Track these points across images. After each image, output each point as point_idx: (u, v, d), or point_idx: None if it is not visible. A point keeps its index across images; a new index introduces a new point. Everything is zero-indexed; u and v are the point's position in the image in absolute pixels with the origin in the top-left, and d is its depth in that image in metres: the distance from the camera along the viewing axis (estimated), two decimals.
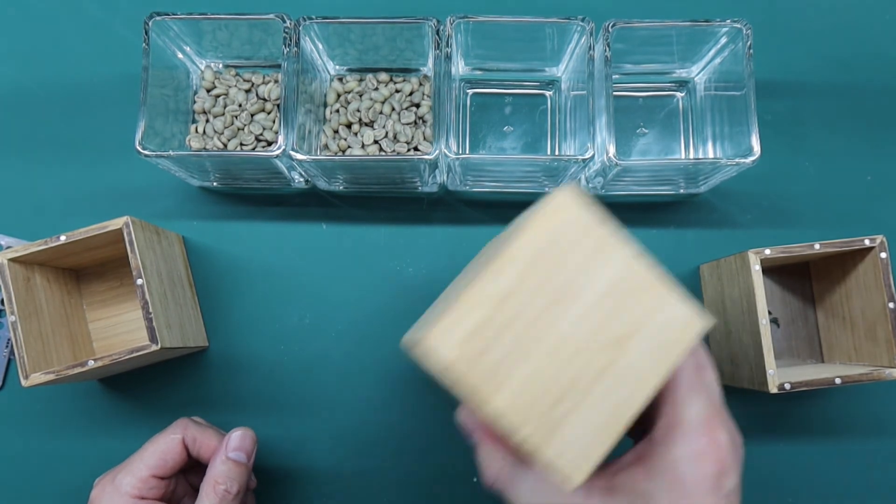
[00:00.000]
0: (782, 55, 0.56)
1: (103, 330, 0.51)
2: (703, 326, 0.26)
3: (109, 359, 0.43)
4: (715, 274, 0.50)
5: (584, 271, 0.26)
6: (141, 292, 0.43)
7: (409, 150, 0.51)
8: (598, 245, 0.26)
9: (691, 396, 0.29)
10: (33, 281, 0.46)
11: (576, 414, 0.25)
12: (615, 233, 0.26)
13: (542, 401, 0.25)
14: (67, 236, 0.44)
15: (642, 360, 0.26)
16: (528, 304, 0.25)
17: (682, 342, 0.26)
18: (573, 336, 0.26)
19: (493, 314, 0.25)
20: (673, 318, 0.26)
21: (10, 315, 0.43)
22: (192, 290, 0.52)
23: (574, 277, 0.26)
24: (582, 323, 0.26)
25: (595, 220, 0.26)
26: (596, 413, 0.25)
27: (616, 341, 0.26)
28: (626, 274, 0.26)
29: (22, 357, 0.43)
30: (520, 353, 0.25)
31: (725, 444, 0.29)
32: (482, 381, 0.25)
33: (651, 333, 0.26)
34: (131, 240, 0.43)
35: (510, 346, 0.25)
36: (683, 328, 0.26)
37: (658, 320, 0.26)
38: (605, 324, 0.26)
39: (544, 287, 0.26)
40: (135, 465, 0.42)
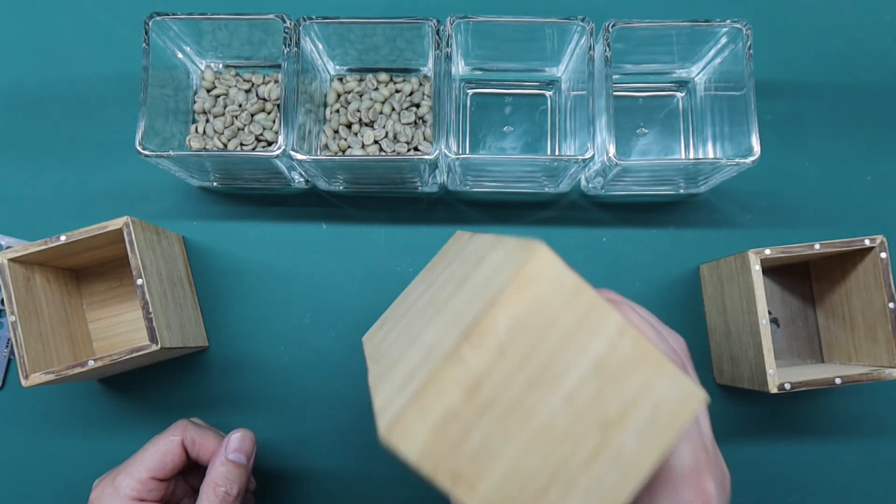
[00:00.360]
0: (782, 55, 0.56)
1: (103, 330, 0.51)
2: (701, 401, 0.24)
3: (109, 359, 0.43)
4: (715, 274, 0.50)
5: (568, 346, 0.23)
6: (141, 292, 0.43)
7: (409, 150, 0.51)
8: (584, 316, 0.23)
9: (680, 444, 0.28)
10: (33, 281, 0.46)
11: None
12: (600, 299, 0.23)
13: (526, 492, 0.23)
14: (67, 236, 0.44)
15: (636, 443, 0.23)
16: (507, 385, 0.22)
17: (679, 420, 0.23)
18: (559, 420, 0.23)
19: (465, 400, 0.22)
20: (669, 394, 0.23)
21: (10, 315, 0.43)
22: (192, 290, 0.52)
23: (558, 353, 0.23)
24: (568, 405, 0.23)
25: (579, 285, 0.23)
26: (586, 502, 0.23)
27: (606, 424, 0.23)
28: (614, 348, 0.23)
29: (22, 357, 0.43)
30: (499, 442, 0.23)
31: (713, 495, 0.28)
32: (458, 473, 0.23)
33: (645, 413, 0.23)
34: (131, 240, 0.43)
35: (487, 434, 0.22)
36: (681, 405, 0.23)
37: (653, 398, 0.23)
38: (593, 405, 0.23)
39: (523, 368, 0.22)
40: (134, 467, 0.42)
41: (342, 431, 0.51)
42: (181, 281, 0.50)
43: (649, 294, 0.52)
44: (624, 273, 0.52)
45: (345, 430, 0.51)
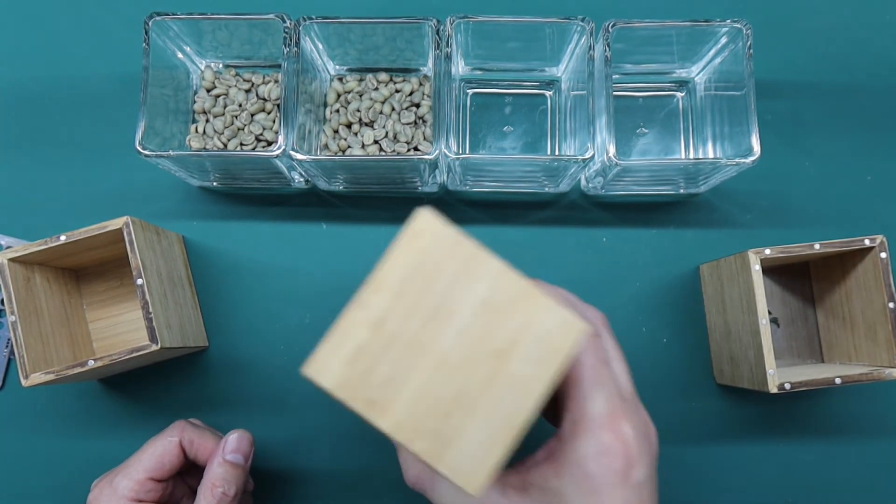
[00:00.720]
0: (782, 55, 0.56)
1: (103, 330, 0.51)
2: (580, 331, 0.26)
3: (109, 359, 0.43)
4: (715, 274, 0.50)
5: (455, 289, 0.26)
6: (141, 292, 0.43)
7: (409, 150, 0.51)
8: (465, 262, 0.27)
9: (593, 392, 0.30)
10: (33, 281, 0.46)
11: (466, 426, 0.26)
12: (480, 249, 0.27)
13: (431, 415, 0.26)
14: (67, 236, 0.44)
15: (525, 370, 0.26)
16: (405, 324, 0.26)
17: (561, 349, 0.26)
18: (454, 352, 0.26)
19: (371, 336, 0.26)
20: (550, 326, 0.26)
21: (10, 315, 0.43)
22: (192, 289, 0.52)
23: (447, 296, 0.26)
24: (461, 338, 0.26)
25: (458, 238, 0.27)
26: (486, 424, 0.26)
27: (497, 354, 0.26)
28: (497, 288, 0.26)
29: (22, 357, 0.43)
30: (404, 371, 0.26)
31: (631, 437, 0.29)
32: (370, 400, 0.26)
33: (530, 343, 0.26)
34: (131, 240, 0.43)
35: (394, 365, 0.26)
36: (561, 335, 0.26)
37: (535, 330, 0.26)
38: (483, 338, 0.26)
39: (419, 307, 0.26)
40: (132, 468, 0.42)
41: (341, 432, 0.51)
42: (181, 281, 0.50)
43: (649, 294, 0.52)
44: (624, 273, 0.52)
45: (344, 430, 0.51)
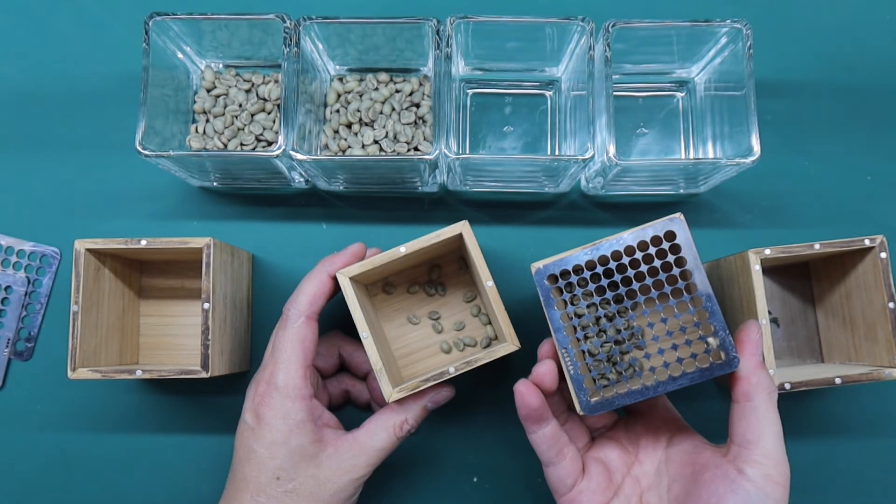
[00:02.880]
0: (782, 55, 0.56)
1: (152, 328, 0.51)
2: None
3: (157, 373, 0.43)
4: (715, 274, 0.50)
5: None
6: (205, 317, 0.43)
7: (409, 150, 0.51)
8: None
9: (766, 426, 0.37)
10: (102, 272, 0.46)
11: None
12: None
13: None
14: (148, 242, 0.44)
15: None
16: None
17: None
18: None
19: None
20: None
21: (73, 304, 0.43)
22: (249, 312, 0.52)
23: None
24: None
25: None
26: None
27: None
28: None
29: (74, 348, 0.43)
30: None
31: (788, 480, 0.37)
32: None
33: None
34: (209, 262, 0.44)
35: None
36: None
37: None
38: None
39: None
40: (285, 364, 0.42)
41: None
42: (242, 304, 0.50)
43: None
44: None
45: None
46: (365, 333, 0.41)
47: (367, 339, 0.41)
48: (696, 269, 0.36)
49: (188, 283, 0.51)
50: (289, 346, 0.42)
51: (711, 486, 0.36)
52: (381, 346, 0.43)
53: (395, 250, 0.42)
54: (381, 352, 0.42)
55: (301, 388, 0.41)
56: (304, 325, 0.42)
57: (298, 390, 0.41)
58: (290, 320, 0.43)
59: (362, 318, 0.42)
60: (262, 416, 0.41)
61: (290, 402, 0.41)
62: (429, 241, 0.42)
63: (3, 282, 0.52)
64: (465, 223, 0.43)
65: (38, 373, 0.52)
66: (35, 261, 0.53)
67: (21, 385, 0.52)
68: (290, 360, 0.42)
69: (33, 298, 0.52)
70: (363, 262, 0.43)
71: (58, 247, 0.53)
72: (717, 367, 0.35)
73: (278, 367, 0.42)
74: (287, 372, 0.41)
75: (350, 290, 0.42)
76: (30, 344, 0.52)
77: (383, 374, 0.41)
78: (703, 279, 0.35)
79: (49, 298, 0.53)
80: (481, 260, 0.42)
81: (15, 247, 0.53)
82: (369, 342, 0.41)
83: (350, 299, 0.42)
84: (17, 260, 0.52)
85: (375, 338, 0.42)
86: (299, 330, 0.42)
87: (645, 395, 0.36)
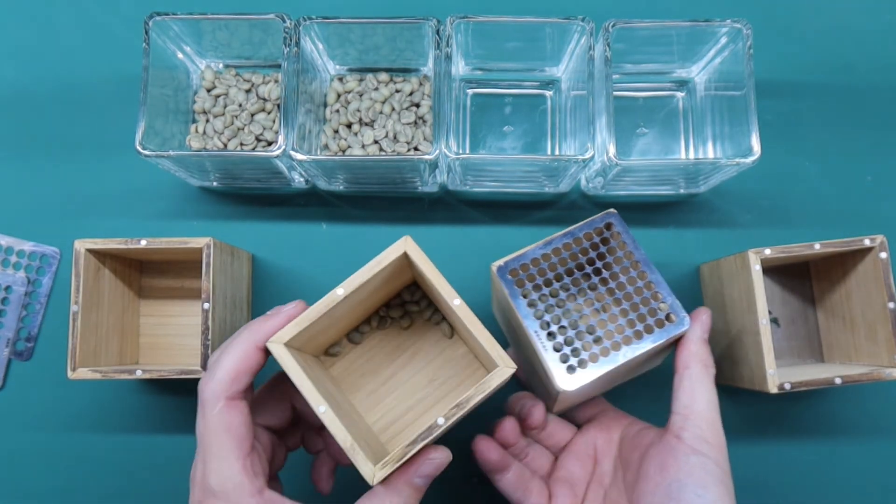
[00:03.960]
0: (782, 55, 0.56)
1: (152, 327, 0.51)
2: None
3: (157, 373, 0.43)
4: (715, 274, 0.50)
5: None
6: (205, 317, 0.43)
7: (409, 150, 0.51)
8: None
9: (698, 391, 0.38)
10: (102, 272, 0.46)
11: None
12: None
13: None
14: (148, 242, 0.44)
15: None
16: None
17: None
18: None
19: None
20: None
21: (73, 305, 0.43)
22: (249, 312, 0.52)
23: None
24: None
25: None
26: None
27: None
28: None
29: (74, 347, 0.43)
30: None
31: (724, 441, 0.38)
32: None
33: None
34: (209, 262, 0.44)
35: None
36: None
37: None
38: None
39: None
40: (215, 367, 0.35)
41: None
42: (241, 304, 0.50)
43: None
44: None
45: None
46: (322, 407, 0.34)
47: (325, 412, 0.34)
48: (636, 250, 0.40)
49: (188, 283, 0.51)
50: (214, 439, 0.34)
51: (656, 458, 0.38)
52: (345, 418, 0.35)
53: (331, 294, 0.36)
54: (348, 425, 0.35)
55: (245, 485, 0.33)
56: (225, 409, 0.34)
57: (241, 489, 0.33)
58: (208, 406, 0.34)
59: (313, 390, 0.34)
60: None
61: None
62: (370, 273, 0.36)
63: (3, 282, 0.52)
64: (406, 239, 0.36)
65: (38, 373, 0.52)
66: (35, 261, 0.53)
67: (21, 385, 0.52)
68: (220, 455, 0.33)
69: (33, 298, 0.52)
70: (297, 321, 0.35)
71: (58, 247, 0.53)
72: (671, 327, 0.40)
73: (208, 468, 0.33)
74: (220, 472, 0.33)
75: (289, 360, 0.34)
76: (30, 344, 0.52)
77: (356, 451, 0.33)
78: (643, 255, 0.40)
79: (49, 298, 0.53)
80: (439, 277, 0.36)
81: (15, 247, 0.53)
82: (328, 415, 0.34)
83: (291, 371, 0.34)
84: (17, 260, 0.52)
85: (337, 409, 0.35)
86: (221, 417, 0.34)
87: (615, 362, 0.38)
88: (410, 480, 0.35)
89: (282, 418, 0.40)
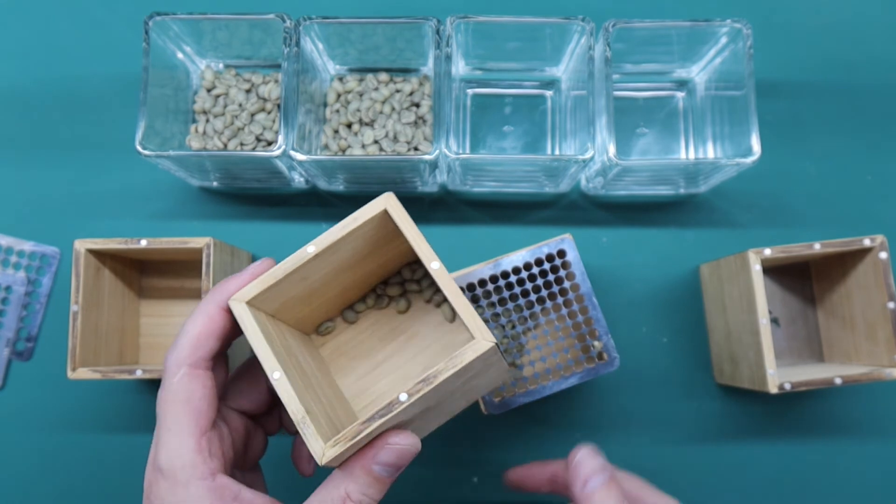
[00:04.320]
0: (782, 55, 0.56)
1: (152, 327, 0.51)
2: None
3: (157, 374, 0.43)
4: (715, 274, 0.50)
5: None
6: None
7: (409, 150, 0.51)
8: None
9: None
10: (102, 272, 0.46)
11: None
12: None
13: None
14: (148, 242, 0.44)
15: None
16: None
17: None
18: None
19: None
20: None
21: (73, 305, 0.44)
22: None
23: None
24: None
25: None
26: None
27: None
28: None
29: (74, 347, 0.43)
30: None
31: None
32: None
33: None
34: (209, 262, 0.44)
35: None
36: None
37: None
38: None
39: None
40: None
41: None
42: None
43: (649, 294, 0.52)
44: (624, 273, 0.52)
45: None
46: (276, 373, 0.31)
47: (280, 377, 0.31)
48: (583, 282, 0.41)
49: (188, 283, 0.51)
50: (170, 409, 0.30)
51: None
52: (304, 383, 0.32)
53: (301, 251, 0.34)
54: (303, 390, 0.31)
55: (195, 465, 0.29)
56: (186, 378, 0.31)
57: (191, 470, 0.29)
58: (168, 374, 0.31)
59: (269, 353, 0.31)
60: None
61: (181, 490, 0.29)
62: (344, 230, 0.33)
63: (3, 282, 0.52)
64: (388, 195, 0.33)
65: (38, 373, 0.52)
66: (35, 261, 0.53)
67: (21, 385, 0.52)
68: (173, 429, 0.30)
69: (33, 298, 0.52)
70: (262, 278, 0.33)
71: (58, 247, 0.53)
72: (601, 366, 0.40)
73: (161, 442, 0.30)
74: (169, 447, 0.30)
75: (248, 319, 0.32)
76: (30, 344, 0.52)
77: (307, 425, 0.29)
78: (588, 290, 0.41)
79: (49, 298, 0.53)
80: (418, 236, 0.32)
81: (15, 247, 0.53)
82: (281, 381, 0.30)
83: (249, 331, 0.32)
84: (17, 260, 0.52)
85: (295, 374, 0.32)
86: (181, 386, 0.31)
87: (541, 394, 0.39)
88: (368, 467, 0.30)
89: (257, 401, 0.36)
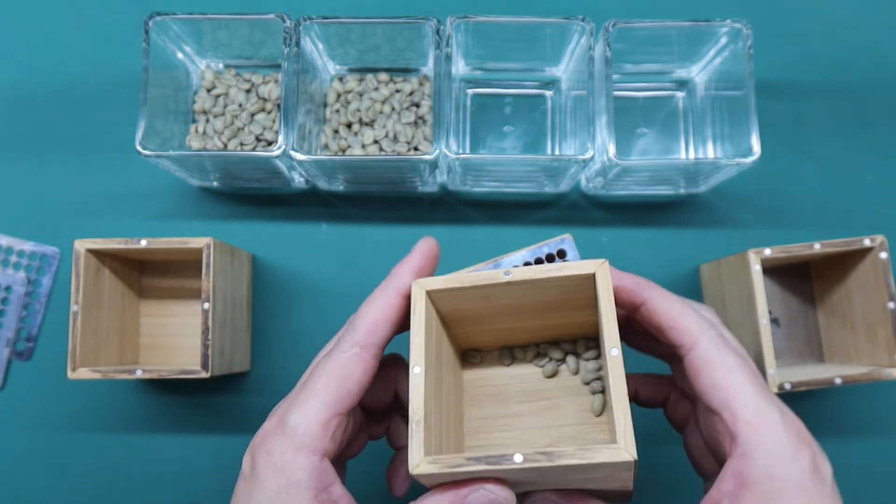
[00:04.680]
0: (782, 55, 0.56)
1: (152, 327, 0.51)
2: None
3: (157, 373, 0.43)
4: (715, 274, 0.50)
5: None
6: (205, 317, 0.43)
7: (409, 150, 0.51)
8: None
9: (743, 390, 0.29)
10: (102, 272, 0.46)
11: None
12: None
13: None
14: (148, 242, 0.44)
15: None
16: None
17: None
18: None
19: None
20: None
21: (73, 304, 0.43)
22: (249, 313, 0.52)
23: None
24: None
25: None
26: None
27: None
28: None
29: (74, 347, 0.43)
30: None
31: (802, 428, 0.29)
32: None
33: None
34: (209, 262, 0.44)
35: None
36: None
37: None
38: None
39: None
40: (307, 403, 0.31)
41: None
42: (241, 304, 0.50)
43: None
44: None
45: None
46: (417, 368, 0.30)
47: (419, 374, 0.30)
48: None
49: (188, 283, 0.51)
50: (324, 378, 0.31)
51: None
52: (436, 391, 0.32)
53: (496, 272, 0.31)
54: (432, 397, 0.31)
55: (316, 437, 0.30)
56: (354, 357, 0.31)
57: (311, 439, 0.30)
58: (339, 348, 0.32)
59: (422, 345, 0.30)
60: (256, 462, 0.30)
61: (292, 453, 0.30)
62: (544, 273, 0.31)
63: (3, 282, 0.52)
64: (605, 263, 0.31)
65: (38, 373, 0.52)
66: (35, 261, 0.53)
67: (21, 385, 0.52)
68: (317, 395, 0.31)
69: (33, 298, 0.52)
70: (449, 277, 0.32)
71: (58, 247, 0.53)
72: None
73: (298, 402, 0.31)
74: (305, 411, 0.30)
75: (421, 305, 0.31)
76: (30, 344, 0.52)
77: (419, 430, 0.29)
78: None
79: (49, 298, 0.53)
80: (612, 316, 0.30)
81: (15, 247, 0.53)
82: (418, 379, 0.30)
83: (417, 315, 0.31)
84: (17, 260, 0.52)
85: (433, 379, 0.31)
86: (346, 363, 0.31)
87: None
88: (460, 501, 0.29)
89: (380, 400, 0.36)
